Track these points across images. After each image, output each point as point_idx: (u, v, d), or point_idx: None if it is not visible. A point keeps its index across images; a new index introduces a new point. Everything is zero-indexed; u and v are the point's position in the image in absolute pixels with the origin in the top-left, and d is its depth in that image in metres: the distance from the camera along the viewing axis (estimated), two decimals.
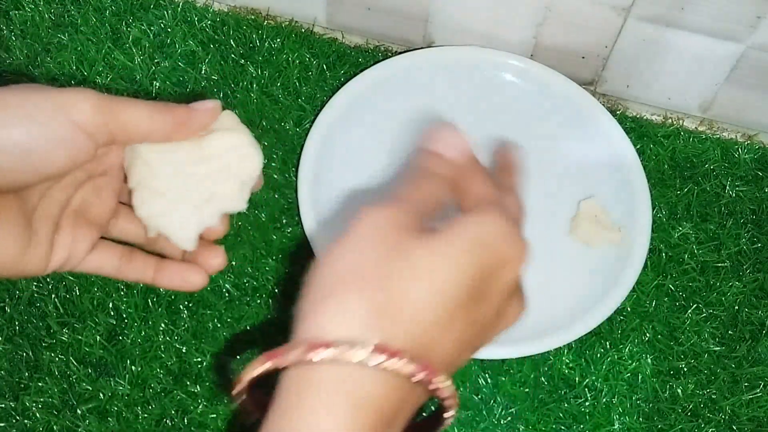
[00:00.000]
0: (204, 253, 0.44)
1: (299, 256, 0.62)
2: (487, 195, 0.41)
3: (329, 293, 0.34)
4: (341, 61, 0.70)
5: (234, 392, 0.35)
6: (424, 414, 0.39)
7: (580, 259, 0.63)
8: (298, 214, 0.62)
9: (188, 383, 0.58)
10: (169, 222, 0.42)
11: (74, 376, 0.57)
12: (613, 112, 0.68)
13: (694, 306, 0.62)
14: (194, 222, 0.42)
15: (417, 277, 0.34)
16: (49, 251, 0.41)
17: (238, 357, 0.59)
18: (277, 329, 0.60)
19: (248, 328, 0.60)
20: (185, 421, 0.57)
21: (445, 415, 0.37)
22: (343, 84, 0.66)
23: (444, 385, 0.35)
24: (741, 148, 0.69)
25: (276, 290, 0.61)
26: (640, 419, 0.59)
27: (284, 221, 0.63)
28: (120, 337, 0.59)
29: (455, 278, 0.35)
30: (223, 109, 0.43)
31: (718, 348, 0.61)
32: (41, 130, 0.37)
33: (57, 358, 0.58)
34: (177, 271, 0.44)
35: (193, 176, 0.42)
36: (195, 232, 0.42)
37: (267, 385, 0.34)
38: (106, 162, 0.43)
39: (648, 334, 0.61)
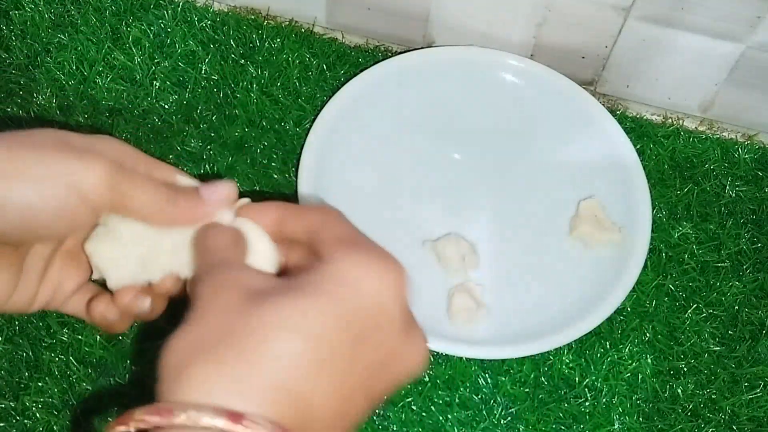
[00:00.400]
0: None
1: None
2: (336, 232, 0.37)
3: (182, 367, 0.32)
4: (341, 61, 0.70)
5: None
6: None
7: (580, 259, 0.63)
8: None
9: None
10: (108, 262, 0.41)
11: (74, 376, 0.57)
12: (613, 112, 0.68)
13: (694, 306, 0.62)
14: (133, 270, 0.41)
15: (270, 336, 0.32)
16: (37, 291, 0.41)
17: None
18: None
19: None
20: None
21: None
22: (343, 84, 0.66)
23: None
24: (741, 148, 0.69)
25: None
26: (640, 419, 0.59)
27: None
28: (120, 337, 0.59)
29: (318, 328, 0.32)
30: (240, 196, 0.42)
31: (718, 348, 0.61)
32: (48, 199, 0.36)
33: (57, 358, 0.58)
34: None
35: (161, 235, 0.40)
36: (128, 280, 0.41)
37: None
38: (93, 222, 0.42)
39: (648, 334, 0.61)
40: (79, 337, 0.58)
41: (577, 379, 0.59)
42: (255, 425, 0.30)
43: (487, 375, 0.59)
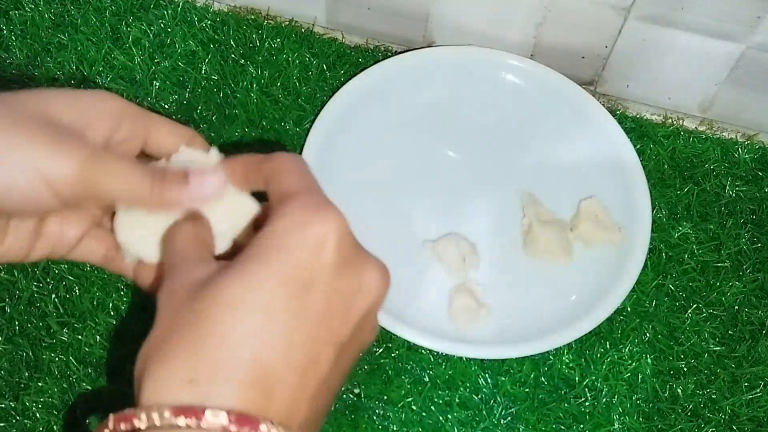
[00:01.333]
0: None
1: None
2: (280, 191, 0.37)
3: (142, 371, 0.34)
4: (341, 61, 0.70)
5: None
6: None
7: (581, 259, 0.63)
8: None
9: None
10: (147, 249, 0.41)
11: (74, 376, 0.57)
12: (613, 112, 0.68)
13: (694, 306, 0.62)
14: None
15: (217, 319, 0.33)
16: (31, 243, 0.40)
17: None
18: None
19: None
20: None
21: None
22: (343, 84, 0.66)
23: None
24: (741, 148, 0.69)
25: None
26: (640, 419, 0.59)
27: None
28: (120, 337, 0.59)
29: (257, 296, 0.33)
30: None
31: (718, 348, 0.61)
32: (15, 185, 0.35)
33: (57, 358, 0.58)
34: None
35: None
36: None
37: None
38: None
39: (648, 334, 0.61)
40: (79, 337, 0.58)
41: (577, 379, 0.59)
42: (212, 416, 0.31)
43: (487, 375, 0.59)
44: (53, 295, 0.59)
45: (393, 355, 0.59)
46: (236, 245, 0.41)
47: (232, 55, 0.69)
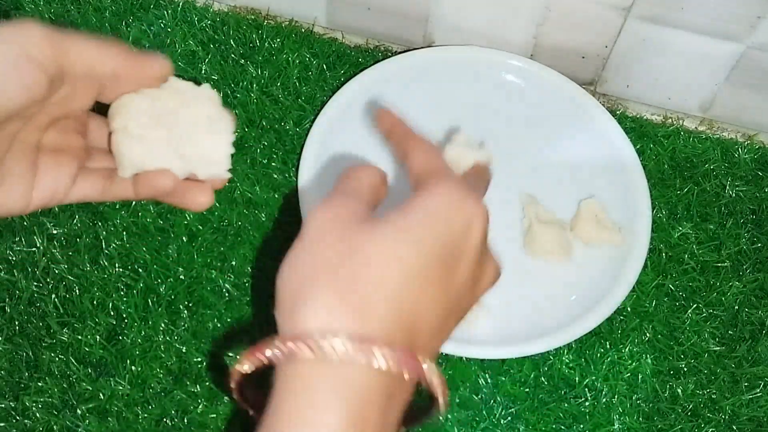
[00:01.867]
0: (192, 189, 0.43)
1: None
2: (428, 164, 0.42)
3: (298, 295, 0.35)
4: (341, 61, 0.70)
5: (231, 388, 0.36)
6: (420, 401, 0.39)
7: (581, 259, 0.63)
8: (298, 214, 0.62)
9: (188, 383, 0.58)
10: (150, 162, 0.42)
11: (74, 376, 0.57)
12: (613, 112, 0.68)
13: (694, 306, 0.62)
14: (176, 166, 0.42)
15: (378, 261, 0.35)
16: (29, 190, 0.41)
17: (237, 357, 0.59)
18: (276, 329, 0.60)
19: (248, 328, 0.60)
20: (185, 421, 0.57)
21: (438, 398, 0.37)
22: (343, 84, 0.66)
23: (426, 368, 0.35)
24: (741, 148, 0.69)
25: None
26: (640, 419, 0.59)
27: (284, 221, 0.63)
28: (120, 337, 0.59)
29: (416, 253, 0.35)
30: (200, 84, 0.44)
31: (718, 348, 0.61)
32: None
33: (57, 358, 0.58)
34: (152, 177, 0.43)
35: (175, 128, 0.42)
36: (179, 172, 0.42)
37: (264, 383, 0.35)
38: (67, 107, 0.42)
39: (648, 334, 0.61)
40: (79, 337, 0.58)
41: (577, 379, 0.59)
42: (382, 348, 0.33)
43: (487, 375, 0.59)
44: (53, 295, 0.59)
45: None
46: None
47: (232, 55, 0.69)
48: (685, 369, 0.61)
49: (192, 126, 0.43)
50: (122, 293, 0.60)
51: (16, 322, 0.59)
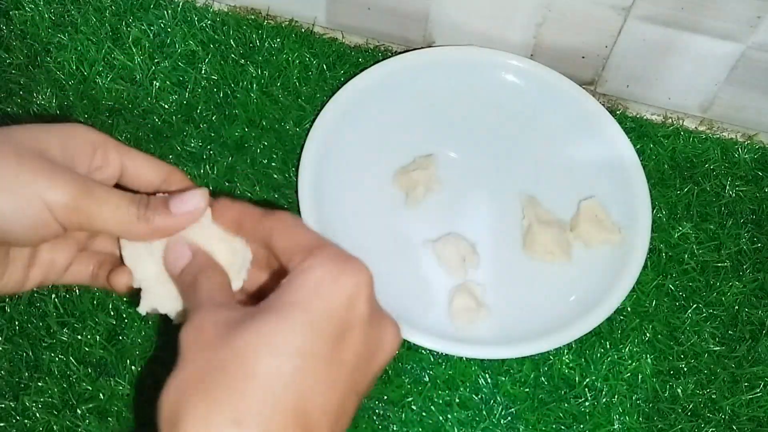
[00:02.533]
0: None
1: None
2: (293, 240, 0.39)
3: (175, 415, 0.33)
4: (341, 61, 0.70)
5: None
6: None
7: (581, 259, 0.63)
8: (298, 214, 0.62)
9: None
10: (156, 293, 0.43)
11: (74, 376, 0.57)
12: (613, 112, 0.68)
13: (694, 306, 0.62)
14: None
15: (253, 358, 0.33)
16: (27, 272, 0.42)
17: None
18: None
19: None
20: None
21: None
22: (343, 84, 0.66)
23: None
24: (741, 148, 0.69)
25: None
26: (640, 419, 0.59)
27: None
28: (120, 337, 0.59)
29: (295, 339, 0.34)
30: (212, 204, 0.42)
31: (718, 348, 0.61)
32: (20, 212, 0.37)
33: (57, 358, 0.58)
34: None
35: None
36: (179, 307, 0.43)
37: None
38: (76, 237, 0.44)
39: (648, 334, 0.61)
40: (79, 337, 0.58)
41: (577, 379, 0.59)
42: None
43: (487, 375, 0.59)
44: (53, 295, 0.59)
45: None
46: (243, 289, 0.43)
47: (232, 55, 0.69)
48: (685, 369, 0.61)
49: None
50: None
51: (16, 322, 0.59)
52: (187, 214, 0.41)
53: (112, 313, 0.59)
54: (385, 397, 0.58)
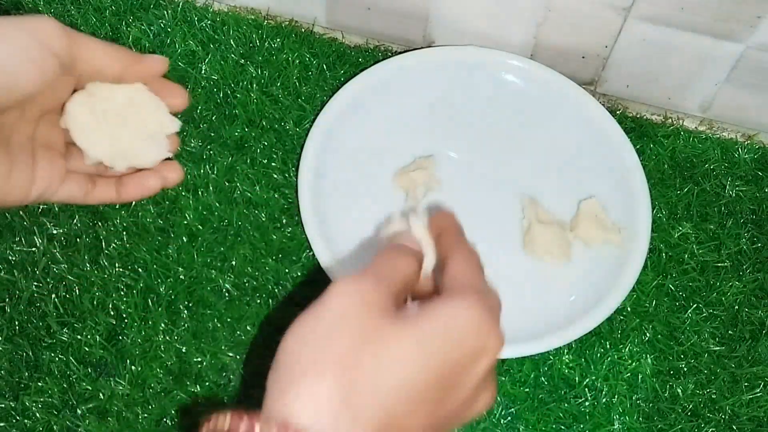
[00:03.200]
0: (162, 169, 0.47)
1: (299, 257, 0.62)
2: (465, 275, 0.40)
3: (300, 374, 0.34)
4: (341, 61, 0.70)
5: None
6: None
7: (580, 259, 0.63)
8: (298, 214, 0.62)
9: (188, 383, 0.58)
10: (103, 151, 0.46)
11: (74, 376, 0.57)
12: (613, 112, 0.68)
13: (694, 306, 0.62)
14: (105, 148, 0.46)
15: (387, 366, 0.34)
16: (31, 179, 0.43)
17: (237, 357, 0.59)
18: (276, 329, 0.60)
19: (248, 328, 0.60)
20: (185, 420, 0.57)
21: None
22: (343, 84, 0.66)
23: None
24: (741, 148, 0.69)
25: (276, 290, 0.61)
26: (640, 419, 0.59)
27: (284, 221, 0.63)
28: (120, 337, 0.59)
29: (425, 368, 0.35)
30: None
31: (718, 348, 0.61)
32: (14, 50, 0.39)
33: (57, 358, 0.58)
34: (136, 181, 0.47)
35: (122, 119, 0.45)
36: (129, 160, 0.46)
37: None
38: (56, 97, 0.44)
39: (648, 334, 0.61)
40: (79, 337, 0.58)
41: (577, 379, 0.59)
42: None
43: None
44: (53, 295, 0.59)
45: None
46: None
47: (232, 55, 0.69)
48: (685, 369, 0.61)
49: (132, 123, 0.46)
50: (122, 293, 0.60)
51: (16, 322, 0.59)
52: (156, 58, 0.44)
53: (112, 313, 0.59)
54: None
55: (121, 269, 0.61)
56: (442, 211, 0.45)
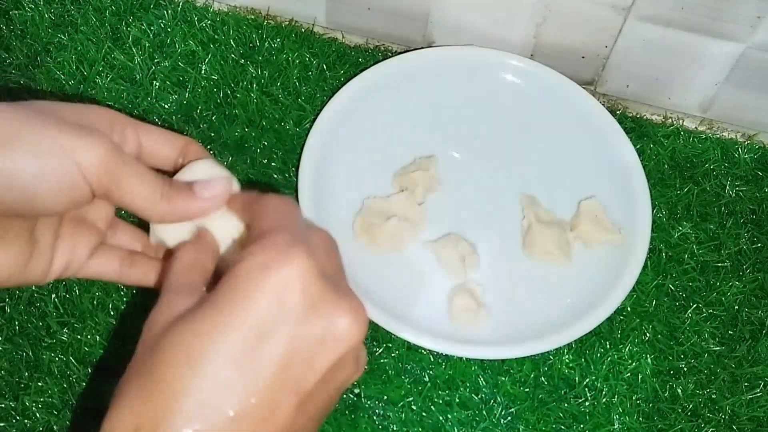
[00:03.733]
0: None
1: None
2: (259, 228, 0.37)
3: (116, 402, 0.34)
4: (341, 61, 0.70)
5: None
6: None
7: (580, 259, 0.63)
8: None
9: None
10: (168, 233, 0.43)
11: (74, 376, 0.57)
12: (613, 112, 0.68)
13: (694, 306, 0.62)
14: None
15: (175, 370, 0.33)
16: (50, 260, 0.41)
17: None
18: None
19: None
20: None
21: None
22: (343, 84, 0.66)
23: None
24: (741, 148, 0.69)
25: None
26: (640, 419, 0.59)
27: None
28: (120, 337, 0.59)
29: (216, 347, 0.33)
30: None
31: (718, 348, 0.61)
32: (43, 169, 0.36)
33: (57, 358, 0.58)
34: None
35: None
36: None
37: None
38: (93, 207, 0.43)
39: (648, 334, 0.61)
40: (79, 337, 0.58)
41: (577, 379, 0.60)
42: None
43: (487, 375, 0.59)
44: (53, 295, 0.59)
45: (393, 355, 0.59)
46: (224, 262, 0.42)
47: (232, 55, 0.69)
48: (685, 369, 0.61)
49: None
50: (122, 293, 0.60)
51: (16, 322, 0.59)
52: (211, 199, 0.40)
53: (112, 313, 0.59)
54: (385, 397, 0.58)
55: None
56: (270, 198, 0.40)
